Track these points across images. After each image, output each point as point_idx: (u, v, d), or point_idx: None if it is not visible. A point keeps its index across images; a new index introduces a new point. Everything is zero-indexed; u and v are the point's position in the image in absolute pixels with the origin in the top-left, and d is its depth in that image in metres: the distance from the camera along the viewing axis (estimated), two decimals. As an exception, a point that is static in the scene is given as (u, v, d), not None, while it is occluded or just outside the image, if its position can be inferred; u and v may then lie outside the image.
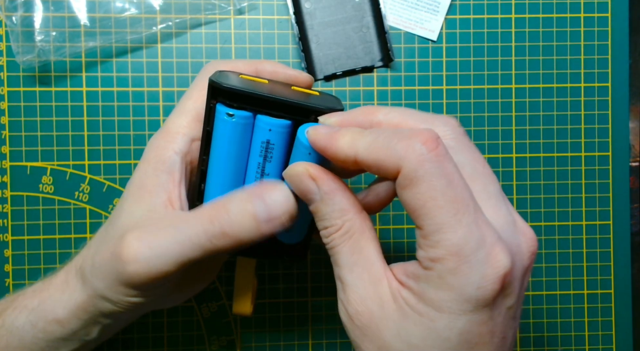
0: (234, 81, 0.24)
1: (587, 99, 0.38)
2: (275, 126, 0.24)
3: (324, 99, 0.25)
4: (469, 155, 0.22)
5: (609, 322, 0.38)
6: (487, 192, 0.21)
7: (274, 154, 0.24)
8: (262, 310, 0.37)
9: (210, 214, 0.24)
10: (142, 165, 0.26)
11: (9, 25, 0.34)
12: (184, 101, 0.27)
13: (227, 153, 0.25)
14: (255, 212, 0.23)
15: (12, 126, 0.35)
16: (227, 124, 0.24)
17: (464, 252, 0.19)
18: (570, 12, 0.38)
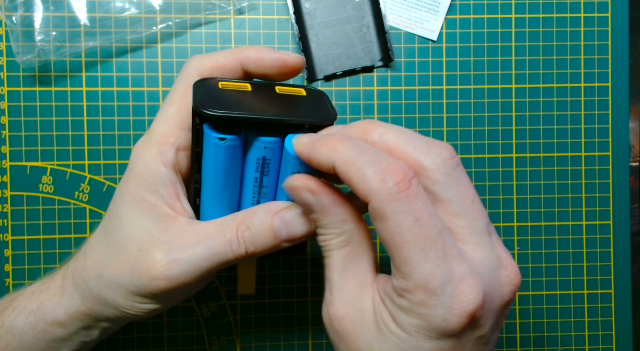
0: (216, 98, 0.23)
1: (587, 99, 0.38)
2: (270, 143, 0.24)
3: (313, 104, 0.25)
4: (457, 190, 0.21)
5: (609, 322, 0.38)
6: (472, 227, 0.21)
7: (271, 168, 0.25)
8: (262, 310, 0.37)
9: (237, 233, 0.24)
10: (133, 176, 0.25)
11: (9, 25, 0.34)
12: (167, 106, 0.26)
13: (221, 173, 0.25)
14: (277, 232, 0.24)
15: (12, 126, 0.35)
16: (218, 148, 0.24)
17: (430, 286, 0.19)
18: (570, 12, 0.38)
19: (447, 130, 0.37)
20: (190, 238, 0.24)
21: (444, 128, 0.37)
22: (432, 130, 0.37)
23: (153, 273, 0.24)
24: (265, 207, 0.25)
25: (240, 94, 0.24)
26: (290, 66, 0.26)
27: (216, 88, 0.24)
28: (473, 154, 0.37)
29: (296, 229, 0.25)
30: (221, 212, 0.26)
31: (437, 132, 0.37)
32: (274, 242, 0.25)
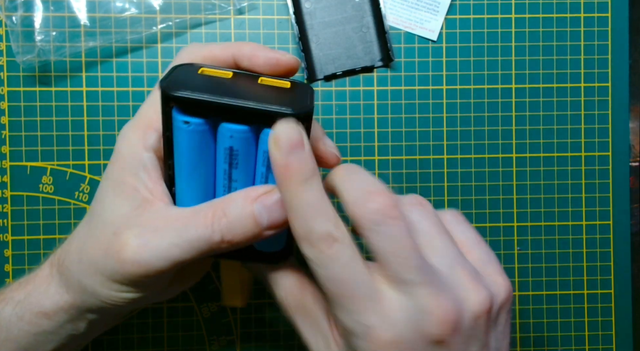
0: (190, 81, 0.22)
1: (587, 99, 0.38)
2: (236, 132, 0.22)
3: (292, 97, 0.23)
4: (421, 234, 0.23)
5: (609, 322, 0.38)
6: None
7: (239, 160, 0.23)
8: (262, 310, 0.37)
9: (212, 219, 0.23)
10: (117, 158, 0.25)
11: (9, 25, 0.34)
12: (155, 90, 0.26)
13: (190, 159, 0.23)
14: (258, 219, 0.23)
15: (12, 126, 0.35)
16: (183, 132, 0.22)
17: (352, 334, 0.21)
18: (570, 12, 0.38)
19: (447, 130, 0.37)
20: (163, 223, 0.24)
21: (444, 128, 0.37)
22: (432, 130, 0.37)
23: (123, 256, 0.23)
24: (244, 193, 0.23)
25: (217, 80, 0.23)
26: (283, 65, 0.25)
27: (194, 73, 0.23)
28: (473, 154, 0.37)
29: (279, 215, 0.23)
30: (195, 200, 0.24)
31: (437, 132, 0.37)
32: (254, 230, 0.23)
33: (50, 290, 0.26)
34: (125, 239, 0.23)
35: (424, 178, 0.37)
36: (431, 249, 0.22)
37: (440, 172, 0.37)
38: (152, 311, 0.36)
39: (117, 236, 0.24)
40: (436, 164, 0.37)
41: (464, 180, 0.37)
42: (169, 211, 0.24)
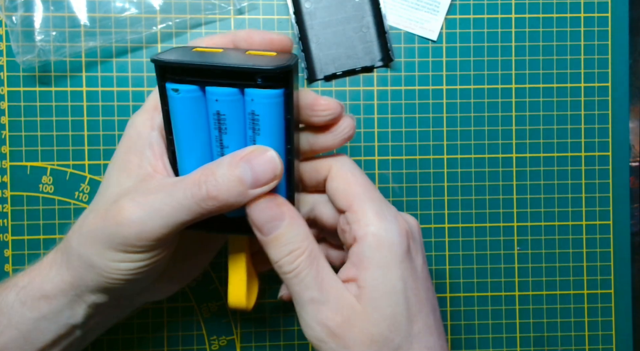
0: (181, 55, 0.23)
1: (587, 99, 0.38)
2: (222, 95, 0.23)
3: (275, 59, 0.24)
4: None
5: (609, 322, 0.38)
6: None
7: (228, 125, 0.24)
8: (262, 310, 0.37)
9: (199, 178, 0.24)
10: (124, 141, 0.27)
11: (9, 25, 0.34)
12: None
13: (185, 129, 0.24)
14: (242, 177, 0.23)
15: (12, 126, 0.35)
16: (175, 101, 0.23)
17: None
18: (570, 12, 0.38)
19: (447, 130, 0.37)
20: (157, 188, 0.24)
21: (444, 128, 0.37)
22: (432, 130, 0.37)
23: (119, 218, 0.24)
24: (232, 154, 0.24)
25: (208, 54, 0.24)
26: (276, 42, 0.27)
27: (188, 50, 0.24)
28: (473, 154, 0.37)
29: (262, 170, 0.24)
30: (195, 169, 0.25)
31: (437, 132, 0.37)
32: (239, 188, 0.23)
33: (51, 273, 0.26)
34: (122, 203, 0.24)
35: (424, 178, 0.37)
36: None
37: (440, 172, 0.37)
38: (152, 311, 0.36)
39: (115, 203, 0.24)
40: (436, 164, 0.37)
41: (464, 180, 0.37)
42: (165, 179, 0.25)
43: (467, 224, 0.38)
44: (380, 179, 0.37)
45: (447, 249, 0.38)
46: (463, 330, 0.38)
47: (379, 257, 0.24)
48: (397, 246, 0.24)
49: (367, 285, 0.24)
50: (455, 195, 0.37)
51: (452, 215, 0.37)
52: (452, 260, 0.38)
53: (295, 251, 0.24)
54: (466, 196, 0.37)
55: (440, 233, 0.37)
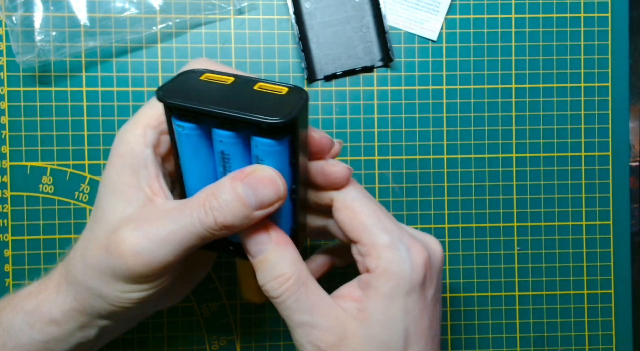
0: (188, 88, 0.23)
1: (587, 99, 0.38)
2: (225, 137, 0.23)
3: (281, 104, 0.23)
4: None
5: (609, 322, 0.38)
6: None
7: (232, 164, 0.24)
8: (262, 310, 0.37)
9: (204, 204, 0.24)
10: (116, 160, 0.26)
11: (9, 25, 0.34)
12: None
13: (190, 159, 0.24)
14: (246, 200, 0.23)
15: (12, 126, 0.35)
16: (181, 136, 0.24)
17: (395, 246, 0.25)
18: (570, 12, 0.38)
19: (447, 130, 0.37)
20: (161, 214, 0.24)
21: (444, 128, 0.37)
22: (432, 130, 0.37)
23: (122, 250, 0.23)
24: (231, 175, 0.24)
25: (215, 86, 0.24)
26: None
27: (196, 79, 0.24)
28: (473, 154, 0.37)
29: (265, 192, 0.23)
30: None
31: (437, 132, 0.37)
32: (243, 210, 0.23)
33: (59, 299, 0.26)
34: (124, 233, 0.24)
35: (424, 178, 0.37)
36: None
37: (440, 172, 0.37)
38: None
39: (115, 233, 0.24)
40: (436, 164, 0.37)
41: (464, 180, 0.37)
42: (166, 204, 0.25)
43: (467, 224, 0.38)
44: (380, 179, 0.37)
45: (447, 249, 0.38)
46: (463, 330, 0.38)
47: (386, 288, 0.24)
48: (408, 279, 0.24)
49: (368, 312, 0.24)
50: (455, 195, 0.37)
51: (452, 215, 0.37)
52: (452, 260, 0.38)
53: (280, 277, 0.24)
54: (466, 196, 0.37)
55: (440, 233, 0.37)
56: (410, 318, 0.24)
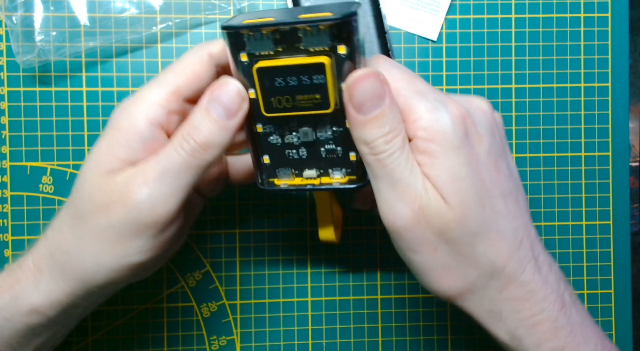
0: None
1: (587, 99, 0.38)
2: None
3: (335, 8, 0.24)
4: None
5: (609, 322, 0.38)
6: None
7: None
8: (262, 310, 0.37)
9: (181, 134, 0.24)
10: (111, 132, 0.25)
11: (9, 25, 0.34)
12: (166, 73, 0.26)
13: None
14: (215, 114, 0.24)
15: (12, 126, 0.35)
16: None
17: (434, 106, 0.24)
18: (570, 12, 0.38)
19: (447, 130, 0.37)
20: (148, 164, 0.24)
21: (444, 128, 0.37)
22: (432, 130, 0.37)
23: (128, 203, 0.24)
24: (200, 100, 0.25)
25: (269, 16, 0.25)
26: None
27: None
28: (473, 154, 0.37)
29: (226, 97, 0.24)
30: None
31: (437, 132, 0.37)
32: (216, 123, 0.24)
33: (40, 286, 0.26)
34: (131, 186, 0.24)
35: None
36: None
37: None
38: (152, 311, 0.36)
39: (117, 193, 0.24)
40: (436, 164, 0.37)
41: (464, 180, 0.37)
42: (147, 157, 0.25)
43: (467, 224, 0.38)
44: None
45: (447, 249, 0.38)
46: (463, 330, 0.38)
47: (434, 148, 0.23)
48: (450, 133, 0.23)
49: (430, 177, 0.24)
50: (455, 195, 0.37)
51: (452, 215, 0.37)
52: (452, 260, 0.38)
53: (394, 131, 0.23)
54: (466, 196, 0.37)
55: (440, 233, 0.37)
56: (471, 173, 0.24)
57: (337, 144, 0.26)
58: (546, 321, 0.24)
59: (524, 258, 0.25)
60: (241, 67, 0.24)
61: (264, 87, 0.24)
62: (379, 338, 0.37)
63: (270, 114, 0.25)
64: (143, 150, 0.25)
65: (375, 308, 0.37)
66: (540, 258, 0.25)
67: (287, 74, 0.24)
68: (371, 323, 0.37)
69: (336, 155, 0.26)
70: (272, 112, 0.25)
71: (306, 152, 0.27)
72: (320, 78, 0.24)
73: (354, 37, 0.23)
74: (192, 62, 0.25)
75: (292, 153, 0.27)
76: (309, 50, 0.24)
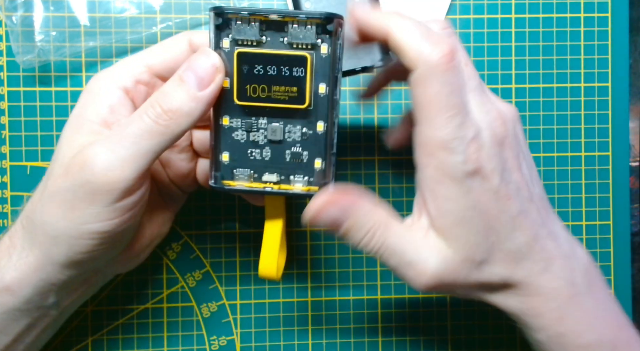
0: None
1: (587, 99, 0.38)
2: None
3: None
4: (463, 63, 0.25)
5: (609, 322, 0.38)
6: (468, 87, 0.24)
7: None
8: (262, 310, 0.37)
9: (150, 100, 0.24)
10: (83, 96, 0.26)
11: (9, 25, 0.34)
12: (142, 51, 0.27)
13: None
14: (187, 80, 0.24)
15: (12, 126, 0.35)
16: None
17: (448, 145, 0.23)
18: (570, 12, 0.38)
19: (447, 130, 0.37)
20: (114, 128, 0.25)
21: (444, 128, 0.37)
22: (432, 130, 0.37)
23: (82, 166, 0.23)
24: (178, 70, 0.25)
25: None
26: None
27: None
28: (473, 154, 0.37)
29: (203, 69, 0.24)
30: None
31: (437, 132, 0.37)
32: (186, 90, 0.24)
33: (12, 260, 0.25)
34: (84, 152, 0.24)
35: (424, 178, 0.37)
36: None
37: (440, 172, 0.37)
38: (152, 311, 0.36)
39: (77, 155, 0.24)
40: (436, 164, 0.37)
41: (464, 180, 0.37)
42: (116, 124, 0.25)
43: (467, 224, 0.38)
44: (380, 179, 0.37)
45: (447, 249, 0.37)
46: (463, 330, 0.38)
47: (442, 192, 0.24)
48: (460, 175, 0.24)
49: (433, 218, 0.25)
50: (455, 195, 0.37)
51: (452, 215, 0.37)
52: (452, 260, 0.38)
53: (368, 233, 0.25)
54: (466, 196, 0.37)
55: (440, 233, 0.37)
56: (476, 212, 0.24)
57: (304, 148, 0.26)
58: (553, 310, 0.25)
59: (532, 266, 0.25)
60: (222, 53, 0.24)
61: (242, 73, 0.24)
62: (379, 338, 0.37)
63: (243, 102, 0.25)
64: (110, 113, 0.25)
65: (375, 308, 0.37)
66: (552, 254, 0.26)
67: (268, 62, 0.24)
68: (371, 323, 0.37)
69: (301, 160, 0.26)
70: (245, 100, 0.25)
71: (270, 154, 0.26)
72: (300, 71, 0.24)
73: (338, 38, 0.24)
74: (170, 45, 0.26)
75: (255, 153, 0.26)
76: (291, 45, 0.24)
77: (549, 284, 0.25)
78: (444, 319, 0.38)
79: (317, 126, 0.25)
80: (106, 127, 0.25)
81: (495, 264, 0.25)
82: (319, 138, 0.25)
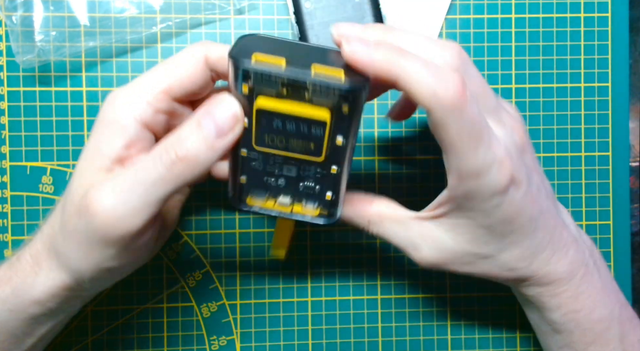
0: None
1: (587, 99, 0.38)
2: None
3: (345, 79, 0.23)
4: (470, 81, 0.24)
5: (609, 322, 0.38)
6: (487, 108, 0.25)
7: None
8: (262, 310, 0.37)
9: (164, 144, 0.23)
10: (99, 126, 0.25)
11: (9, 25, 0.34)
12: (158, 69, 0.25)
13: None
14: (206, 129, 0.23)
15: (12, 126, 0.35)
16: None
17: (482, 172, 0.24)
18: (570, 12, 0.38)
19: (447, 130, 0.37)
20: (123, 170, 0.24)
21: (444, 128, 0.37)
22: (432, 130, 0.37)
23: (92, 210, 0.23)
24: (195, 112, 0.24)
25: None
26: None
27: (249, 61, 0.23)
28: (473, 154, 0.37)
29: (223, 117, 0.23)
30: None
31: (437, 132, 0.37)
32: (203, 137, 0.23)
33: (39, 278, 0.26)
34: (90, 195, 0.23)
35: (424, 178, 0.37)
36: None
37: (441, 172, 0.37)
38: (152, 311, 0.36)
39: (84, 196, 0.23)
40: (437, 164, 0.37)
41: (464, 180, 0.37)
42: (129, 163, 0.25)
43: (467, 224, 0.38)
44: (380, 179, 0.37)
45: (447, 249, 0.38)
46: (463, 330, 0.38)
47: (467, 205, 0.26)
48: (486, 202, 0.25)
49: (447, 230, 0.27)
50: (455, 195, 0.37)
51: (452, 215, 0.37)
52: (452, 260, 0.38)
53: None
54: (466, 196, 0.37)
55: (440, 233, 0.37)
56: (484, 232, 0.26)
57: (316, 183, 0.26)
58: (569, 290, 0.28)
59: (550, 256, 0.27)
60: (241, 96, 0.24)
61: (260, 124, 0.24)
62: (379, 338, 0.37)
63: (260, 148, 0.25)
64: (126, 149, 0.24)
65: (375, 308, 0.37)
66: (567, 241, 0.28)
67: (287, 119, 0.24)
68: (371, 323, 0.37)
69: (313, 192, 0.27)
70: (263, 146, 0.25)
71: (285, 183, 0.26)
72: (318, 131, 0.24)
73: (361, 103, 0.23)
74: (187, 63, 0.25)
75: (270, 180, 0.26)
76: (312, 100, 0.23)
77: (565, 268, 0.27)
78: (444, 319, 0.38)
79: (331, 169, 0.26)
80: (120, 164, 0.24)
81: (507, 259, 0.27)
82: (331, 177, 0.26)
